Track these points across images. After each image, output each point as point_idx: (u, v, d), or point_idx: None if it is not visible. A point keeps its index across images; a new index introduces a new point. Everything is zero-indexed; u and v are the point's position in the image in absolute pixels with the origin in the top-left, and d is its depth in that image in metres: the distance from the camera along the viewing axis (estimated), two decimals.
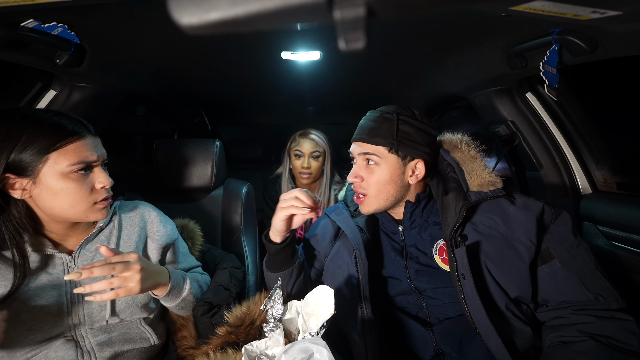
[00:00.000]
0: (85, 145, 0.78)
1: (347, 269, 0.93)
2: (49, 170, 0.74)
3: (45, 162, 0.74)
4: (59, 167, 0.75)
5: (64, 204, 0.77)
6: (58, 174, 0.75)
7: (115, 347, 0.84)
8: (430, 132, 0.94)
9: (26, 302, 0.78)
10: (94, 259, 0.87)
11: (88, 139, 0.80)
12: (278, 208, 0.92)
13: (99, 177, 0.81)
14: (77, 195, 0.78)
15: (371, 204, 0.95)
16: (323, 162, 1.89)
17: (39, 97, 1.16)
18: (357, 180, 0.95)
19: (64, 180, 0.76)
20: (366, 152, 0.93)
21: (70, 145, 0.76)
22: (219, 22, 0.23)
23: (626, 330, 0.76)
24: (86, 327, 0.83)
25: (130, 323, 0.89)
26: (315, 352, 0.57)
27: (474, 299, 0.79)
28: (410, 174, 0.93)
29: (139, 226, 0.95)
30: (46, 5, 0.72)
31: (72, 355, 0.79)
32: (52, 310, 0.79)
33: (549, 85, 0.94)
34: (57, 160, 0.75)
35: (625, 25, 0.70)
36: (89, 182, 0.80)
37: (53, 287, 0.81)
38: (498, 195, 0.88)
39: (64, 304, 0.81)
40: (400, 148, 0.90)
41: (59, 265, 0.83)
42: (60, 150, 0.75)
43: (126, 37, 0.99)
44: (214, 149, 1.38)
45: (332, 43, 1.09)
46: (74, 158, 0.76)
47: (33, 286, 0.79)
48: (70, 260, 0.84)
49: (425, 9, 0.25)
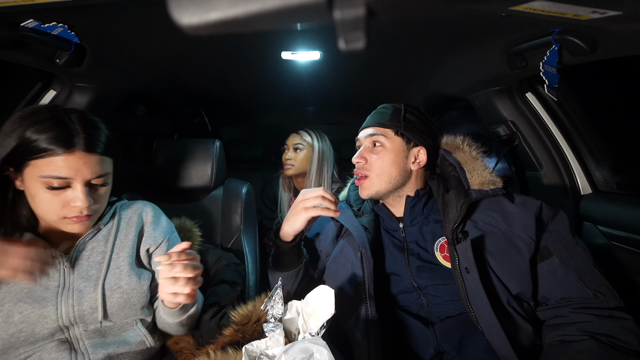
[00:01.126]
0: (67, 161, 0.75)
1: (352, 267, 0.93)
2: (29, 173, 0.75)
3: (27, 165, 0.75)
4: (35, 174, 0.75)
5: (37, 209, 0.79)
6: (35, 179, 0.75)
7: (109, 350, 0.83)
8: (431, 127, 1.03)
9: (18, 303, 0.77)
10: (89, 259, 0.86)
11: (77, 156, 0.76)
12: (302, 208, 0.90)
13: (75, 196, 0.77)
14: (47, 206, 0.77)
15: (372, 185, 0.98)
16: (309, 156, 1.88)
17: (39, 97, 1.16)
18: (361, 162, 1.00)
19: (39, 187, 0.75)
20: (374, 134, 1.00)
21: (50, 158, 0.74)
22: (219, 22, 0.23)
23: (626, 329, 0.76)
24: (80, 328, 0.82)
25: (126, 325, 0.87)
26: (315, 352, 0.57)
27: (478, 293, 0.80)
28: (413, 161, 0.99)
29: (135, 225, 0.94)
30: (46, 5, 0.72)
31: (66, 357, 0.78)
32: (43, 311, 0.78)
33: (549, 85, 0.94)
34: (35, 166, 0.74)
35: (625, 25, 0.69)
36: (62, 197, 0.77)
37: (46, 287, 0.81)
38: (498, 193, 0.91)
39: (56, 305, 0.80)
40: (406, 132, 0.98)
41: (54, 265, 0.83)
42: (40, 160, 0.74)
43: (126, 37, 0.98)
44: (214, 149, 1.38)
45: (332, 43, 1.09)
46: (46, 170, 0.74)
47: (24, 285, 0.79)
48: (66, 260, 0.84)
49: (425, 9, 0.25)
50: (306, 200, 0.91)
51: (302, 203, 0.91)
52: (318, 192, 0.91)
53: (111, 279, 0.86)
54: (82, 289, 0.82)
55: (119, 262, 0.88)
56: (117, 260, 0.88)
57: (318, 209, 0.89)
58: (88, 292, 0.82)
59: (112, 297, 0.84)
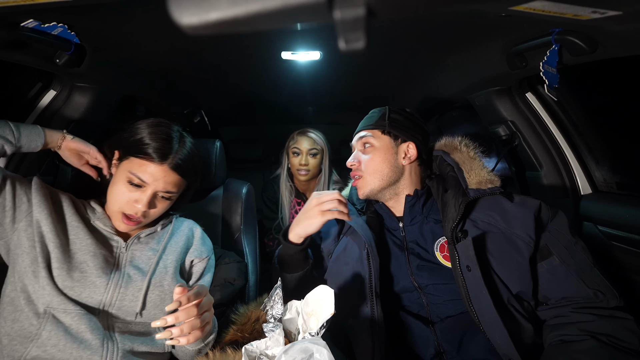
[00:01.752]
0: (153, 169, 0.88)
1: (356, 265, 0.92)
2: (123, 165, 0.91)
3: (128, 158, 0.90)
4: (124, 168, 0.89)
5: (111, 193, 0.91)
6: (123, 171, 0.89)
7: (134, 345, 0.83)
8: (418, 123, 1.06)
9: (84, 262, 0.84)
10: (142, 252, 0.93)
11: (161, 169, 0.89)
12: (318, 211, 0.89)
13: (141, 196, 0.88)
14: (117, 196, 0.89)
15: (366, 184, 1.01)
16: (321, 160, 1.90)
17: (39, 97, 1.16)
18: (355, 164, 1.04)
19: (121, 178, 0.89)
20: (363, 136, 1.04)
21: (143, 160, 0.88)
22: (219, 22, 0.23)
23: (626, 329, 0.76)
24: (114, 311, 0.84)
25: (150, 326, 0.87)
26: (315, 352, 0.57)
27: (479, 291, 0.80)
28: (403, 156, 1.02)
29: (185, 237, 1.03)
30: (46, 5, 0.72)
31: (99, 335, 0.79)
32: (97, 280, 0.84)
33: (549, 85, 0.94)
34: (132, 162, 0.89)
35: (625, 25, 0.69)
36: (132, 195, 0.88)
37: (105, 261, 0.87)
38: (496, 192, 0.91)
39: (108, 280, 0.85)
40: (392, 129, 1.02)
41: (114, 247, 0.91)
42: (135, 159, 0.89)
43: (126, 37, 0.98)
44: (214, 149, 1.38)
45: (332, 43, 1.09)
46: (133, 168, 0.88)
47: (92, 247, 0.86)
48: (124, 246, 0.92)
49: (425, 9, 0.25)
50: (323, 204, 0.90)
51: (318, 207, 0.90)
52: (334, 195, 0.91)
53: (158, 276, 0.91)
54: (132, 275, 0.88)
55: (166, 263, 0.94)
56: (165, 261, 0.95)
57: (335, 212, 0.90)
58: (135, 280, 0.88)
59: (153, 293, 0.89)
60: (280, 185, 1.96)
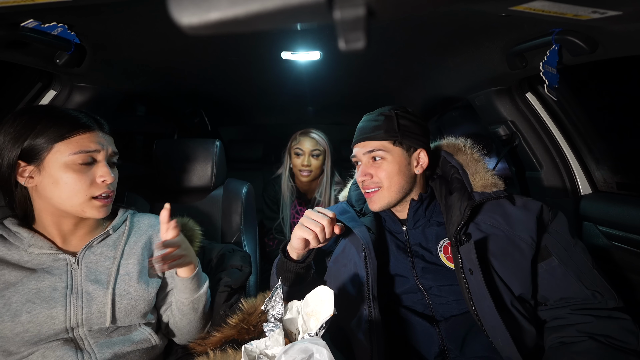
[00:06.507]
0: (91, 138, 0.82)
1: (354, 267, 0.92)
2: (52, 159, 0.78)
3: (50, 150, 0.78)
4: (62, 157, 0.79)
5: (62, 194, 0.80)
6: (60, 163, 0.79)
7: (116, 349, 0.83)
8: (423, 125, 1.00)
9: (26, 303, 0.77)
10: (98, 263, 0.86)
11: (96, 134, 0.83)
12: (297, 226, 0.85)
13: (100, 171, 0.83)
14: (76, 186, 0.80)
15: (384, 197, 0.95)
16: (323, 161, 1.90)
17: (39, 97, 1.16)
18: (366, 178, 0.96)
19: (64, 170, 0.79)
20: (372, 150, 0.96)
21: (76, 137, 0.80)
22: (219, 22, 0.23)
23: (624, 329, 0.77)
24: (85, 329, 0.81)
25: (131, 327, 0.88)
26: (315, 352, 0.57)
27: (481, 294, 0.80)
28: (416, 165, 0.97)
29: (146, 234, 0.96)
30: (46, 5, 0.72)
31: (71, 356, 0.78)
32: (52, 312, 0.78)
33: (549, 85, 0.94)
34: (61, 149, 0.79)
35: (625, 25, 0.69)
36: (89, 175, 0.82)
37: (54, 288, 0.80)
38: (500, 196, 0.91)
39: (65, 306, 0.80)
40: (404, 140, 0.95)
41: (62, 266, 0.83)
42: (66, 141, 0.79)
43: (126, 37, 0.98)
44: (214, 149, 1.38)
45: (332, 43, 1.09)
46: (76, 147, 0.79)
47: (32, 285, 0.79)
48: (74, 261, 0.84)
49: (425, 9, 0.25)
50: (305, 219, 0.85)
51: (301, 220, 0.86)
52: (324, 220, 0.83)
53: (121, 285, 0.86)
54: (92, 292, 0.82)
55: (128, 269, 0.88)
56: (126, 267, 0.89)
57: (312, 234, 0.83)
58: (97, 296, 0.82)
59: (121, 303, 0.84)
60: (282, 186, 1.95)
